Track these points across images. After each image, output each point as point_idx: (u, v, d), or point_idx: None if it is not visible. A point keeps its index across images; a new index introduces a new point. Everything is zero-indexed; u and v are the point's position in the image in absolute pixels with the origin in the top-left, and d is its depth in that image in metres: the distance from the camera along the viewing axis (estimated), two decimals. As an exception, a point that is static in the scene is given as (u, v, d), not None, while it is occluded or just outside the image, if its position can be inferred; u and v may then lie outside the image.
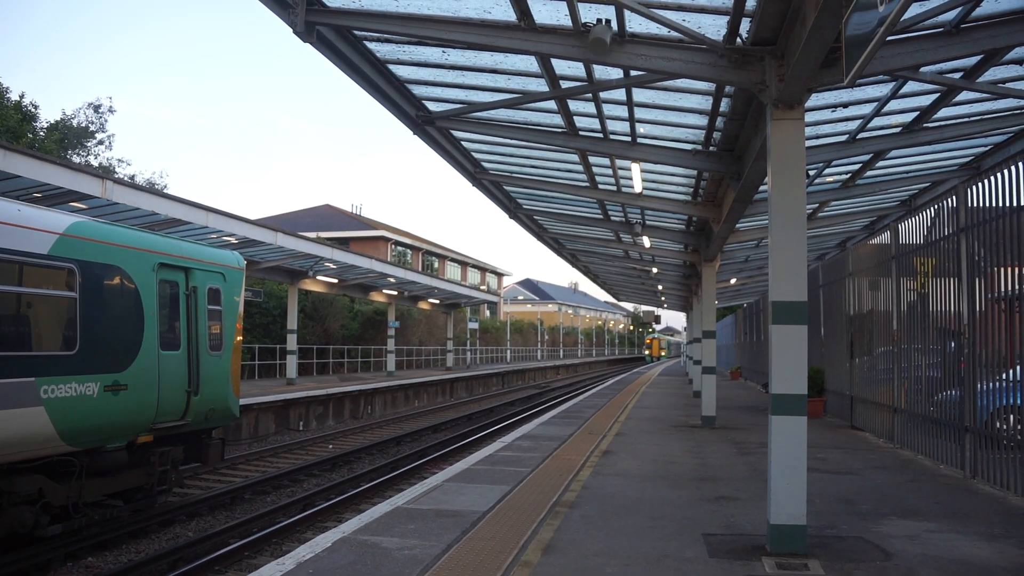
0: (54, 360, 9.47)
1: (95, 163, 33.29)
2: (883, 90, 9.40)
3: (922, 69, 8.38)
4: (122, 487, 11.12)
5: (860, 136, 11.16)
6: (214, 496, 13.05)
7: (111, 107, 45.56)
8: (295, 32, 7.58)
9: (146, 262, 11.06)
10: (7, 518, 9.19)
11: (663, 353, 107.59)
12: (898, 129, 10.97)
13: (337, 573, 5.92)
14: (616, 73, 8.87)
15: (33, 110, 30.58)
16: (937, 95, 9.68)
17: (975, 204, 9.55)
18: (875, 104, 9.91)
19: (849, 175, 14.14)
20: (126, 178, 29.88)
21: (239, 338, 13.29)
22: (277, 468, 16.31)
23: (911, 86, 9.23)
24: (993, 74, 8.98)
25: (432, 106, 11.01)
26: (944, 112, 10.38)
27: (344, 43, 8.54)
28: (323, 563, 6.17)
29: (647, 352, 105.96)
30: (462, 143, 13.05)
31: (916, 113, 10.46)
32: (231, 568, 9.83)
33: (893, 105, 10.01)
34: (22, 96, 30.50)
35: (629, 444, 13.60)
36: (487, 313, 76.97)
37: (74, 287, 9.83)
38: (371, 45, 8.94)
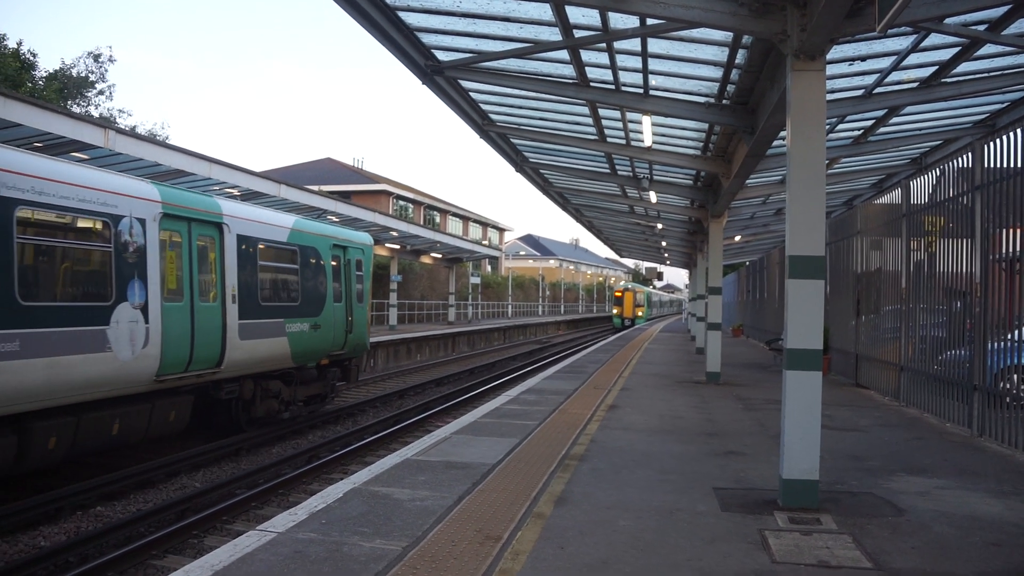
0: (290, 308, 14.63)
1: (95, 113, 32.95)
2: (903, 43, 9.21)
3: (947, 20, 8.20)
4: (313, 392, 16.47)
5: (876, 91, 10.98)
6: (220, 447, 13.09)
7: (111, 56, 44.98)
8: (305, -25, 7.39)
9: (326, 244, 16.06)
10: (265, 405, 14.60)
11: (640, 313, 67.75)
12: (915, 84, 10.78)
13: (350, 523, 5.92)
14: (632, 22, 8.68)
15: (32, 58, 30.14)
16: (959, 48, 9.48)
17: (991, 162, 9.41)
18: (894, 58, 9.72)
19: (861, 131, 13.96)
20: (128, 128, 29.53)
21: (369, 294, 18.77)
22: (279, 421, 16.36)
23: (933, 39, 9.04)
24: (1019, 26, 8.78)
25: (442, 55, 10.81)
26: (963, 67, 10.18)
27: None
28: (335, 513, 6.17)
29: (615, 312, 68.72)
30: (470, 94, 12.85)
31: (935, 68, 10.26)
32: (239, 518, 9.88)
33: (912, 59, 9.82)
34: (20, 43, 30.09)
35: (635, 399, 13.62)
36: (489, 268, 76.86)
37: (296, 261, 14.98)
38: (382, -8, 8.74)
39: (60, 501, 9.84)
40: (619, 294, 68.78)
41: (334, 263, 16.32)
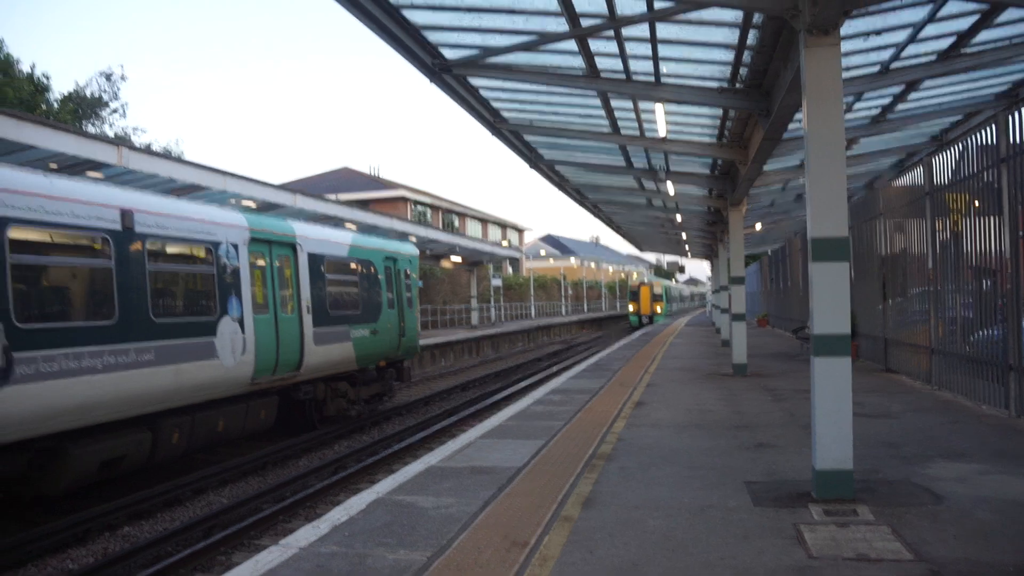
0: (353, 316, 16.15)
1: (110, 132, 33.13)
2: (920, 13, 8.92)
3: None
4: (373, 393, 18.04)
5: (893, 66, 10.69)
6: (246, 462, 13.02)
7: (123, 75, 45.29)
8: (302, -22, 7.26)
9: (379, 256, 17.72)
10: (335, 405, 16.06)
11: (659, 309, 63.25)
12: (933, 57, 10.48)
13: (373, 535, 5.77)
14: (640, 7, 8.47)
15: (45, 81, 30.32)
16: (978, 16, 9.18)
17: (1016, 135, 9.13)
18: (910, 30, 9.43)
19: (879, 110, 13.64)
20: (142, 146, 29.66)
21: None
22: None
23: (950, 7, 8.74)
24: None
25: (448, 53, 10.64)
26: (984, 36, 9.86)
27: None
28: (358, 525, 6.03)
29: (631, 309, 64.79)
30: (480, 91, 12.69)
31: (953, 38, 9.95)
32: (266, 533, 9.79)
33: (929, 30, 9.52)
34: (33, 67, 30.31)
35: (661, 394, 13.41)
36: (510, 270, 76.64)
37: (355, 273, 16.59)
38: (383, -9, 8.59)
39: (88, 522, 9.79)
40: (636, 289, 65.10)
41: (387, 273, 18.03)
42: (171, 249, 11.50)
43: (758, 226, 31.88)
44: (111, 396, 9.90)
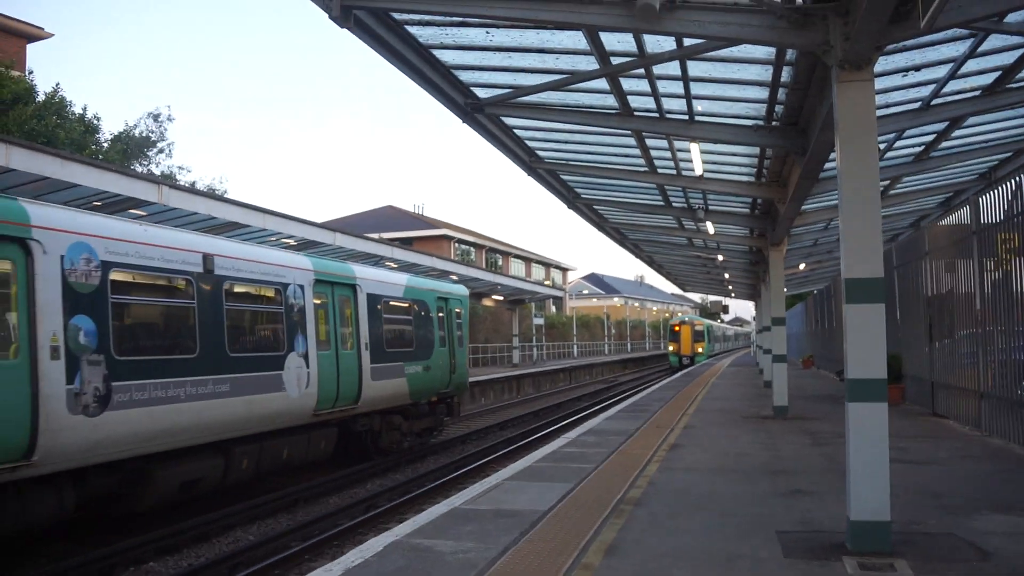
0: (407, 353, 17.01)
1: (156, 171, 33.85)
2: (959, 48, 8.70)
3: (1007, 19, 7.70)
4: (424, 427, 18.64)
5: (934, 103, 10.44)
6: (275, 500, 12.96)
7: (169, 115, 46.37)
8: (331, 17, 7.30)
9: (432, 296, 18.64)
10: (389, 437, 16.81)
11: (700, 349, 59.11)
12: (977, 92, 10.22)
13: (386, 579, 5.62)
14: (668, 44, 8.39)
15: (96, 123, 31.22)
16: (1023, 50, 8.93)
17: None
18: (950, 65, 9.21)
19: (923, 147, 13.35)
20: (186, 184, 30.23)
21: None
22: (339, 467, 16.16)
23: (992, 41, 8.51)
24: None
25: (481, 92, 10.66)
26: (1029, 71, 9.61)
27: (384, 28, 8.24)
28: (371, 569, 5.88)
29: (671, 349, 60.65)
30: (514, 131, 12.69)
31: (997, 73, 9.70)
32: (291, 572, 9.67)
33: (971, 65, 9.29)
34: (85, 109, 31.20)
35: (698, 437, 13.09)
36: (553, 309, 76.42)
37: (410, 313, 17.58)
38: (412, 29, 8.61)
39: (114, 557, 9.78)
40: (676, 328, 60.67)
41: (439, 313, 18.96)
42: (245, 290, 12.52)
43: (801, 266, 31.38)
44: (192, 423, 10.84)
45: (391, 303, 16.78)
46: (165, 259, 10.74)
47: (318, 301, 14.14)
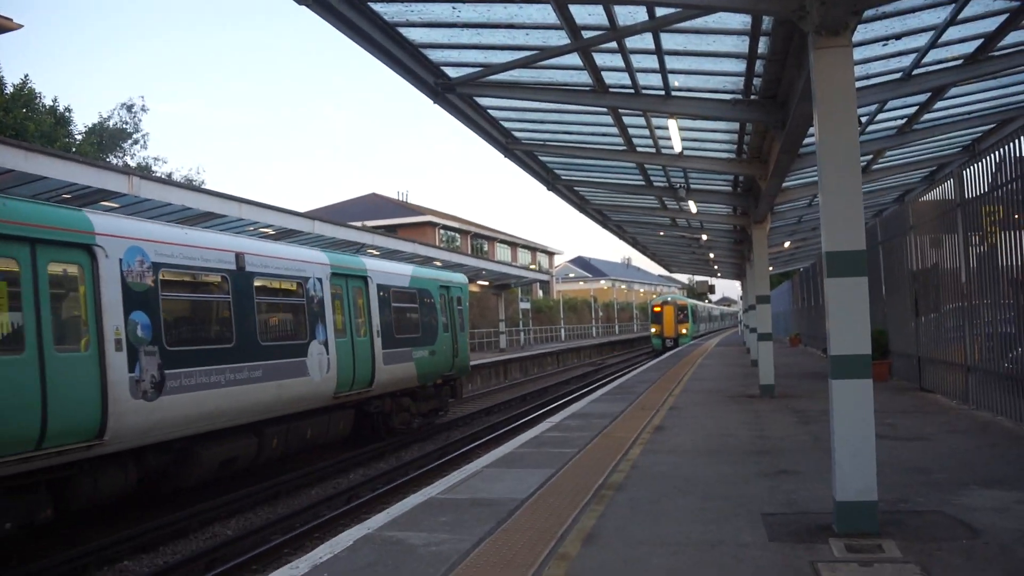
0: (414, 339, 18.21)
1: (132, 163, 33.27)
2: (940, 15, 8.47)
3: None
4: (430, 408, 19.85)
5: (916, 72, 10.22)
6: (257, 492, 12.73)
7: (144, 106, 45.60)
8: (289, -5, 7.01)
9: (435, 285, 19.86)
10: (400, 418, 17.93)
11: (684, 330, 56.38)
12: (959, 61, 10.00)
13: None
14: (641, 15, 8.12)
15: (67, 114, 30.53)
16: (1006, 16, 8.69)
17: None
18: (931, 33, 8.98)
19: (904, 119, 13.14)
20: (162, 175, 29.76)
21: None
22: (321, 457, 15.97)
23: (973, 7, 8.29)
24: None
25: (451, 72, 10.37)
26: (1012, 37, 9.37)
27: (346, 5, 7.95)
28: (340, 565, 5.65)
29: (653, 331, 57.24)
30: (488, 111, 12.41)
31: (980, 41, 9.47)
32: (270, 567, 9.44)
33: (952, 33, 9.06)
34: (55, 100, 30.62)
35: (683, 418, 12.92)
36: (540, 293, 76.24)
37: (415, 301, 18.71)
38: (377, 7, 8.32)
39: (86, 556, 9.54)
40: (658, 309, 57.07)
41: (441, 300, 20.15)
42: (272, 284, 13.76)
43: (787, 244, 31.26)
44: (231, 406, 12.00)
45: (399, 292, 17.92)
46: (204, 259, 11.86)
47: (334, 292, 15.26)
